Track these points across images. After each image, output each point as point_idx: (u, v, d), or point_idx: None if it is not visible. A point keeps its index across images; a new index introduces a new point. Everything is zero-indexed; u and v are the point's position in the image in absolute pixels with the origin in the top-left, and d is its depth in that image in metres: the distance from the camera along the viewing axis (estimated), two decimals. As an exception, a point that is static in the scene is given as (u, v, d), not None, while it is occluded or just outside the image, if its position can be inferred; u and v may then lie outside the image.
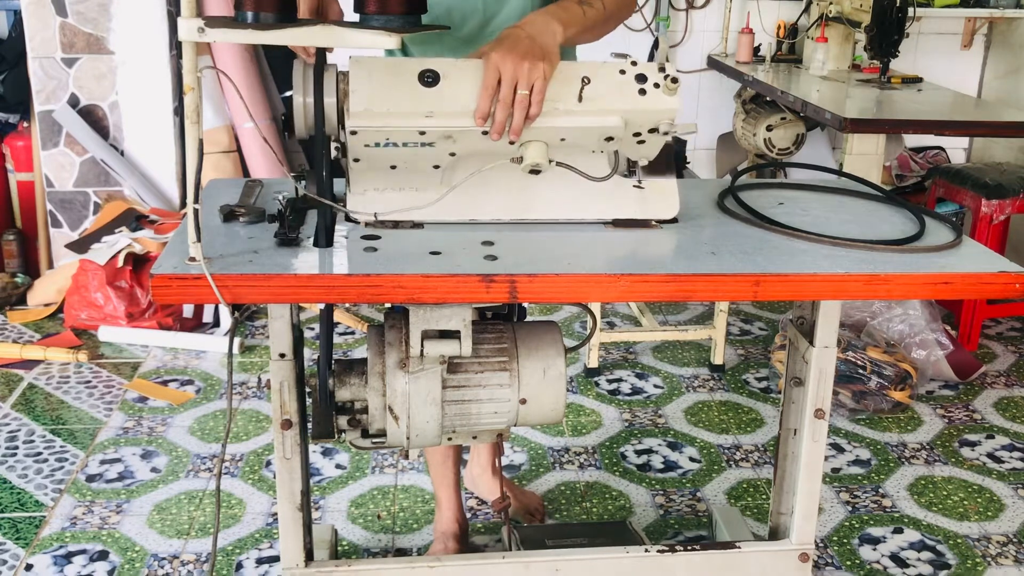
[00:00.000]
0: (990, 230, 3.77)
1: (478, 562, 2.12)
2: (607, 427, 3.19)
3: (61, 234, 4.21)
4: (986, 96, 4.89)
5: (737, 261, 1.68)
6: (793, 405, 2.11)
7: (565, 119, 1.70)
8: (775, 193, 2.11)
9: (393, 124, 1.66)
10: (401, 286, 1.58)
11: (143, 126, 4.16)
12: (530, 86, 1.62)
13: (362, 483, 2.84)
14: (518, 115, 1.63)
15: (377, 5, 1.63)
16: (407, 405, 1.80)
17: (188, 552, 2.52)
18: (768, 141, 4.18)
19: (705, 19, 4.67)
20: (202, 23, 1.53)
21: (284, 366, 1.85)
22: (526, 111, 1.63)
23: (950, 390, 3.50)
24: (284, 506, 1.94)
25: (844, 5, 4.11)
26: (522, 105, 1.62)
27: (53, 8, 3.99)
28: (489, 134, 1.66)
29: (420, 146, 1.71)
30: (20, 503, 2.71)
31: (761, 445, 3.10)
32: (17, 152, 4.23)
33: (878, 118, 3.53)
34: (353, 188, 1.81)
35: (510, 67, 1.61)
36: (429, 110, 1.66)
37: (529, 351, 1.86)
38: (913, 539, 2.65)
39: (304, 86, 1.66)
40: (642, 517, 2.72)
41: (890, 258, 1.73)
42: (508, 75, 1.61)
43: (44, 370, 3.48)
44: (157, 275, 1.56)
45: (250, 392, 3.35)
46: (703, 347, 3.76)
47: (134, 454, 2.97)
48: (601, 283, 1.63)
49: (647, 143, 1.79)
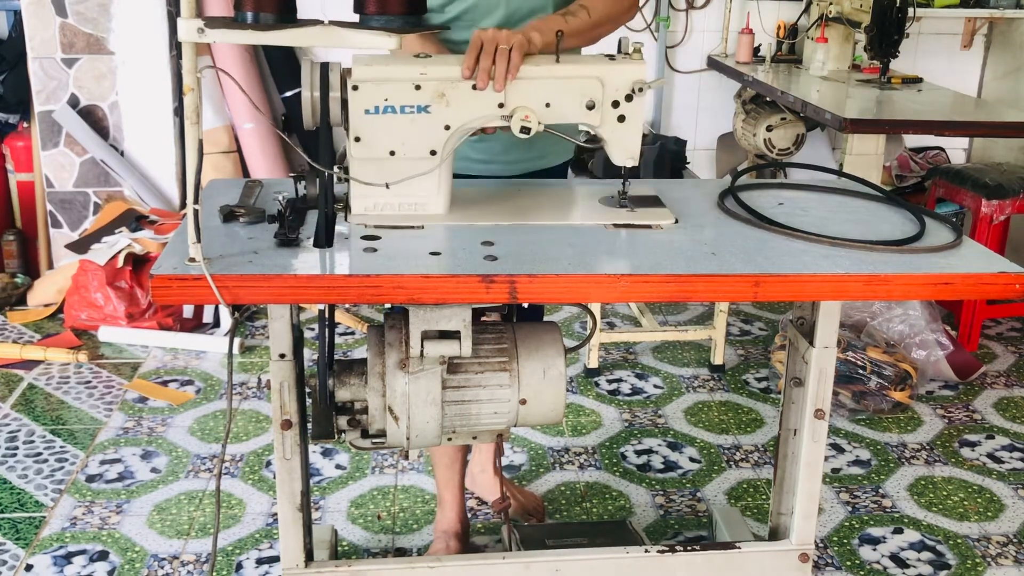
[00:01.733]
0: (990, 230, 3.77)
1: (478, 562, 2.12)
2: (607, 427, 3.19)
3: (61, 234, 4.21)
4: (986, 96, 4.89)
5: (737, 261, 1.68)
6: (793, 405, 2.11)
7: (547, 79, 1.81)
8: (775, 193, 2.11)
9: (391, 75, 1.76)
10: (401, 286, 1.58)
11: (143, 126, 4.16)
12: (510, 46, 1.77)
13: (362, 483, 2.84)
14: (500, 65, 1.77)
15: (377, 5, 1.63)
16: (407, 405, 1.80)
17: (188, 552, 2.52)
18: (768, 141, 4.18)
19: (705, 19, 4.67)
20: (202, 23, 1.53)
21: (284, 366, 1.85)
22: (507, 62, 1.77)
23: (950, 390, 3.50)
24: (284, 506, 1.95)
25: (844, 5, 4.11)
26: (503, 56, 1.77)
27: (53, 8, 3.99)
28: (476, 85, 1.78)
29: (417, 112, 1.77)
30: (20, 503, 2.71)
31: (761, 445, 3.10)
32: (17, 152, 4.24)
33: (878, 118, 3.53)
34: (354, 188, 1.81)
35: (491, 33, 1.80)
36: (423, 70, 1.78)
37: (529, 351, 1.86)
38: (913, 539, 2.65)
39: (312, 81, 1.74)
40: (642, 517, 2.72)
41: (890, 258, 1.73)
42: (489, 37, 1.79)
43: (44, 370, 3.48)
44: (157, 275, 1.56)
45: (250, 392, 3.35)
46: (703, 347, 3.76)
47: (134, 454, 2.97)
48: (601, 283, 1.63)
49: (628, 121, 1.85)
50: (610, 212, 1.93)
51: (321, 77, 1.74)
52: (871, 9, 3.87)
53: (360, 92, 1.76)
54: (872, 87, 4.04)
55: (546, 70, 1.82)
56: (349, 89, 1.76)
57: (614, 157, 1.89)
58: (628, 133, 1.86)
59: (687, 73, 4.71)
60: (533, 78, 1.80)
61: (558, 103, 1.82)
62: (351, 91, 1.76)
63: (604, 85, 1.82)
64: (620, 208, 1.94)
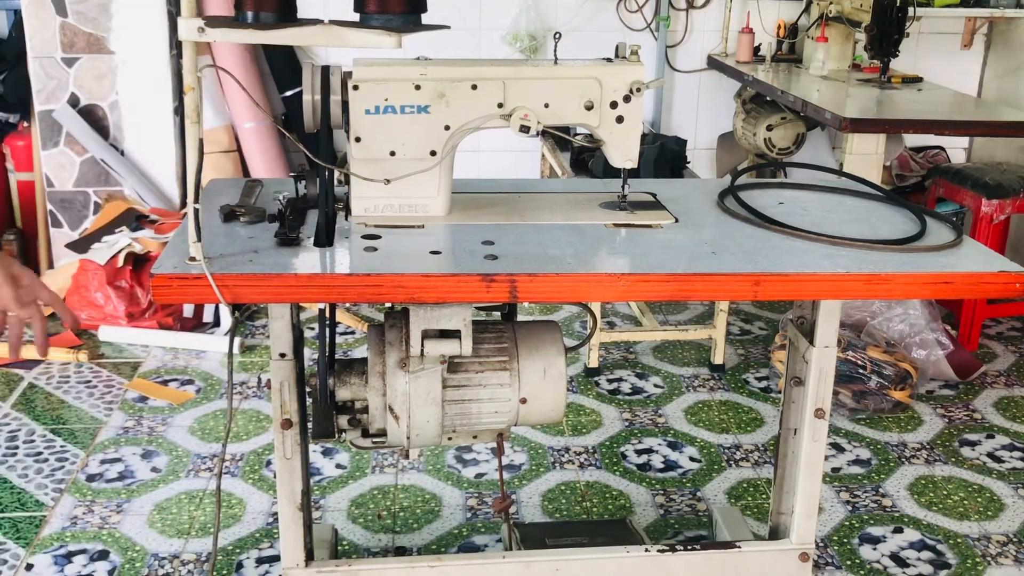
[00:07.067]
0: (990, 230, 3.77)
1: (478, 562, 2.12)
2: (607, 427, 3.19)
3: (61, 234, 4.21)
4: (986, 96, 4.89)
5: (737, 261, 1.69)
6: (793, 405, 2.11)
7: (546, 79, 1.81)
8: (775, 193, 2.12)
9: (391, 75, 1.77)
10: (401, 286, 1.58)
11: (143, 126, 4.16)
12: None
13: (362, 483, 2.84)
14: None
15: (377, 5, 1.64)
16: (407, 405, 1.81)
17: (188, 552, 2.52)
18: (768, 141, 4.18)
19: (705, 19, 4.66)
20: (202, 23, 1.53)
21: (284, 366, 1.85)
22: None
23: (950, 390, 3.50)
24: (284, 506, 1.95)
25: (844, 5, 4.11)
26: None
27: (53, 8, 3.99)
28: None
29: (417, 112, 1.77)
30: (20, 503, 2.71)
31: (761, 445, 3.10)
32: (17, 152, 4.23)
33: (878, 118, 3.53)
34: (355, 188, 1.81)
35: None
36: (423, 71, 1.78)
37: (529, 351, 1.87)
38: (913, 539, 2.65)
39: (313, 84, 1.75)
40: (642, 517, 2.72)
41: (890, 258, 1.73)
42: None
43: (44, 370, 3.48)
44: (157, 275, 1.56)
45: (250, 392, 3.35)
46: (703, 347, 3.76)
47: (134, 454, 2.97)
48: (601, 283, 1.63)
49: (626, 122, 1.85)
50: (610, 214, 1.93)
51: (322, 80, 1.75)
52: (871, 8, 3.87)
53: (360, 92, 1.76)
54: (872, 86, 4.03)
55: (545, 71, 1.82)
56: (349, 89, 1.76)
57: (612, 158, 1.89)
58: (626, 134, 1.86)
59: (687, 73, 4.71)
60: (532, 78, 1.81)
61: (557, 103, 1.82)
62: (351, 91, 1.76)
63: (602, 86, 1.83)
64: (620, 211, 1.94)
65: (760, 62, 4.45)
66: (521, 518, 2.69)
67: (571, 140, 2.05)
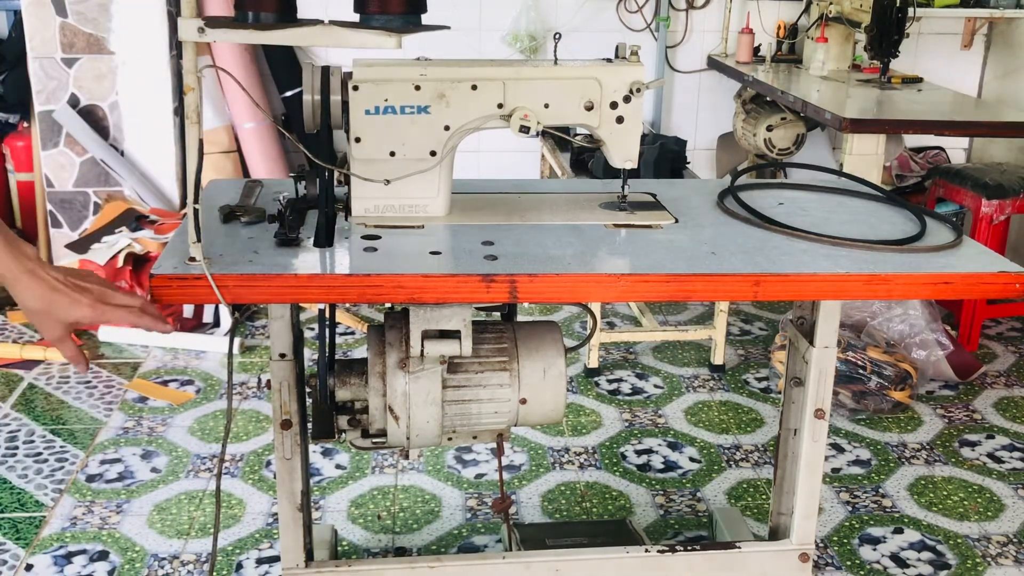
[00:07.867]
0: (990, 230, 3.77)
1: (478, 563, 2.12)
2: (607, 427, 3.19)
3: (61, 234, 4.21)
4: (986, 96, 4.89)
5: (737, 261, 1.68)
6: (793, 405, 2.11)
7: (546, 79, 1.81)
8: (775, 193, 2.12)
9: (391, 76, 1.77)
10: (401, 286, 1.58)
11: (143, 126, 4.16)
12: None
13: (362, 483, 2.84)
14: None
15: (377, 5, 1.64)
16: (407, 405, 1.81)
17: (188, 552, 2.52)
18: (768, 141, 4.18)
19: (705, 19, 4.67)
20: (202, 23, 1.53)
21: (284, 366, 1.85)
22: None
23: (950, 390, 3.50)
24: (284, 506, 1.95)
25: (844, 5, 4.11)
26: None
27: (53, 8, 3.99)
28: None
29: (417, 112, 1.77)
30: (20, 503, 2.71)
31: (761, 445, 3.10)
32: (17, 152, 4.24)
33: (878, 118, 3.53)
34: (355, 189, 1.81)
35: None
36: (423, 71, 1.78)
37: (529, 351, 1.87)
38: (913, 539, 2.65)
39: (313, 85, 1.75)
40: (642, 517, 2.72)
41: (890, 258, 1.73)
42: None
43: (44, 370, 3.48)
44: (157, 275, 1.56)
45: (250, 392, 3.35)
46: (703, 347, 3.76)
47: (134, 454, 2.97)
48: (601, 283, 1.63)
49: (626, 122, 1.85)
50: (610, 214, 1.93)
51: (322, 80, 1.75)
52: (871, 9, 3.87)
53: (360, 92, 1.76)
54: (872, 87, 4.03)
55: (545, 71, 1.82)
56: (349, 89, 1.77)
57: (612, 159, 1.89)
58: (626, 135, 1.86)
59: (687, 73, 4.71)
60: (532, 79, 1.81)
61: (557, 104, 1.83)
62: (351, 91, 1.77)
63: (602, 86, 1.83)
64: (619, 212, 1.94)
65: (760, 62, 4.45)
66: (521, 518, 2.69)
67: (571, 140, 2.05)
